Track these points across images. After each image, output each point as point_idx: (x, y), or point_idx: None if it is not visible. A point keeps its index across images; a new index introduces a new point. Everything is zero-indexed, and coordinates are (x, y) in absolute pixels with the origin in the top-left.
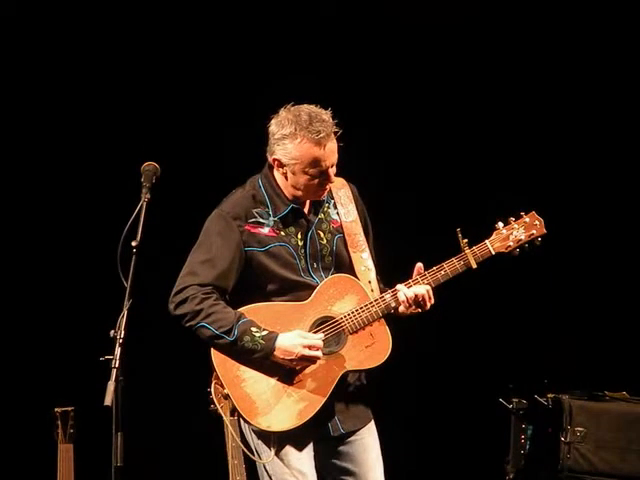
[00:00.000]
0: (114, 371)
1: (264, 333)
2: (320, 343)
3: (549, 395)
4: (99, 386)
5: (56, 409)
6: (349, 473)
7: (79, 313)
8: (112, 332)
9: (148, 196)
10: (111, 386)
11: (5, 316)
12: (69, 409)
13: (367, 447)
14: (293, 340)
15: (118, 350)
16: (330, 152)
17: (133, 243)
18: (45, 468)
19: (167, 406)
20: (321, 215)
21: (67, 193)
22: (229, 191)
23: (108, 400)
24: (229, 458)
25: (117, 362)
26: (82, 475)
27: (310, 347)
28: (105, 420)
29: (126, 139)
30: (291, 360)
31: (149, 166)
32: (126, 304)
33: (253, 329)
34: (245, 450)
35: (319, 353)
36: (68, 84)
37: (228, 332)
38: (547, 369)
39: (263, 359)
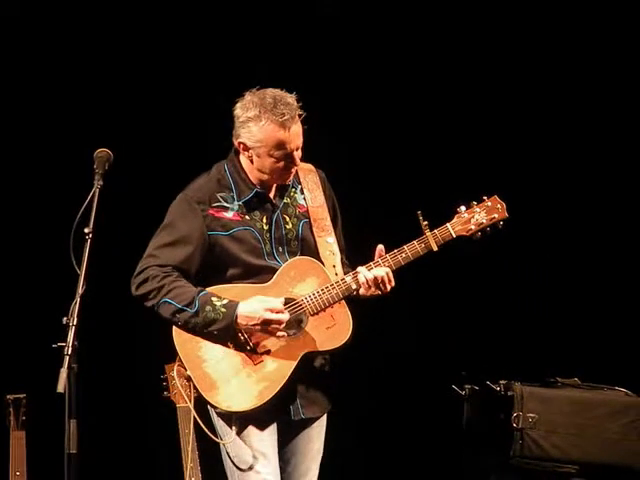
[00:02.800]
0: (67, 358)
1: (225, 302)
2: (281, 306)
3: (501, 381)
4: (52, 373)
5: (8, 396)
6: (289, 461)
7: (32, 300)
8: (65, 319)
9: (101, 183)
10: (64, 373)
11: None
12: (21, 396)
13: (312, 438)
14: (254, 305)
15: (71, 337)
16: (294, 135)
17: (86, 230)
18: None
19: (121, 393)
20: (287, 200)
21: (19, 179)
22: (194, 176)
23: (61, 387)
24: (182, 444)
25: (70, 349)
26: (35, 462)
27: (272, 310)
28: (58, 407)
29: (82, 125)
30: (254, 325)
31: (102, 152)
32: (79, 291)
33: (214, 299)
34: (207, 432)
35: (283, 316)
36: (20, 66)
37: (190, 304)
38: (499, 356)
39: (225, 329)
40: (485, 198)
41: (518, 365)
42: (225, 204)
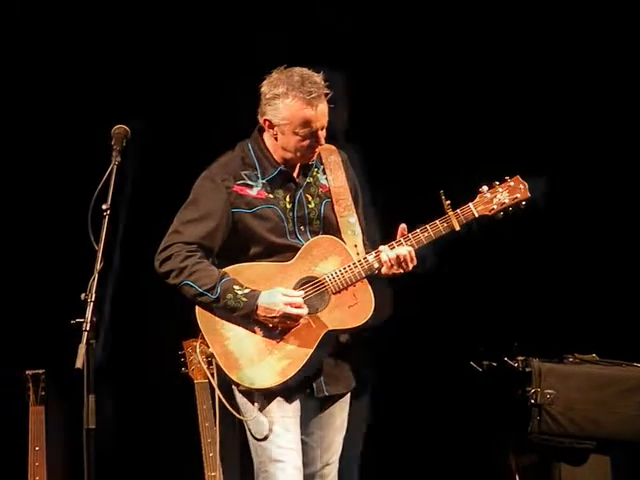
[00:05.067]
0: (85, 334)
1: (246, 291)
2: (301, 301)
3: (519, 358)
4: (70, 349)
5: (27, 372)
6: (312, 434)
7: (50, 276)
8: (83, 295)
9: (118, 159)
10: (82, 349)
11: None
12: (40, 371)
13: (335, 412)
14: (275, 297)
15: (89, 313)
16: (321, 114)
17: (104, 206)
18: (16, 430)
19: (138, 368)
20: (310, 179)
21: (38, 156)
22: (215, 155)
23: (79, 363)
24: (200, 420)
25: (88, 325)
26: (53, 437)
27: (292, 304)
28: (77, 382)
29: (103, 102)
30: (273, 317)
31: (119, 129)
32: (97, 267)
33: (236, 287)
34: (230, 408)
35: (302, 311)
36: (39, 37)
37: (211, 290)
38: (517, 332)
39: (245, 317)
40: (507, 178)
41: (536, 341)
42: (249, 182)
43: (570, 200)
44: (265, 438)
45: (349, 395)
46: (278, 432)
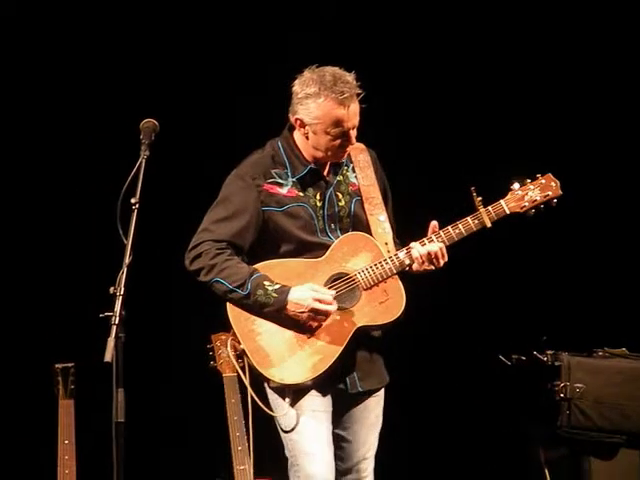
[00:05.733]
0: (114, 327)
1: (277, 287)
2: (331, 298)
3: (548, 352)
4: (99, 342)
5: (57, 365)
6: (349, 429)
7: (79, 270)
8: (112, 289)
9: (147, 153)
10: (111, 342)
11: (5, 273)
12: (69, 365)
13: (369, 407)
14: (305, 293)
15: (118, 306)
16: (352, 113)
17: (132, 200)
18: (46, 424)
19: (168, 362)
20: (340, 177)
21: (66, 149)
22: (244, 151)
23: (108, 356)
24: (229, 413)
25: (117, 318)
26: (83, 431)
27: (321, 300)
28: (106, 376)
29: (132, 97)
30: (302, 312)
31: (148, 123)
32: (126, 261)
33: (266, 283)
34: (261, 404)
35: (331, 307)
36: (68, 34)
37: (241, 286)
38: (546, 326)
39: (276, 313)
40: (539, 175)
41: (565, 335)
42: (279, 180)
43: (601, 194)
44: (295, 432)
45: (383, 390)
46: (308, 425)
